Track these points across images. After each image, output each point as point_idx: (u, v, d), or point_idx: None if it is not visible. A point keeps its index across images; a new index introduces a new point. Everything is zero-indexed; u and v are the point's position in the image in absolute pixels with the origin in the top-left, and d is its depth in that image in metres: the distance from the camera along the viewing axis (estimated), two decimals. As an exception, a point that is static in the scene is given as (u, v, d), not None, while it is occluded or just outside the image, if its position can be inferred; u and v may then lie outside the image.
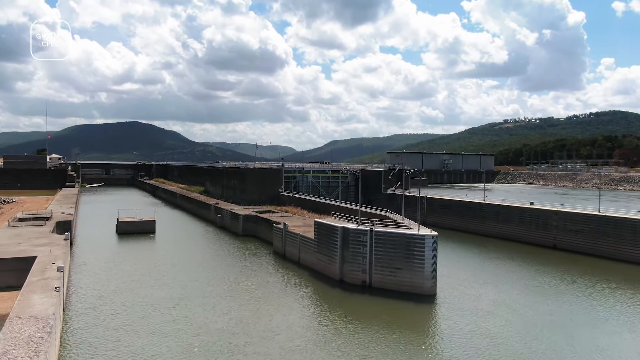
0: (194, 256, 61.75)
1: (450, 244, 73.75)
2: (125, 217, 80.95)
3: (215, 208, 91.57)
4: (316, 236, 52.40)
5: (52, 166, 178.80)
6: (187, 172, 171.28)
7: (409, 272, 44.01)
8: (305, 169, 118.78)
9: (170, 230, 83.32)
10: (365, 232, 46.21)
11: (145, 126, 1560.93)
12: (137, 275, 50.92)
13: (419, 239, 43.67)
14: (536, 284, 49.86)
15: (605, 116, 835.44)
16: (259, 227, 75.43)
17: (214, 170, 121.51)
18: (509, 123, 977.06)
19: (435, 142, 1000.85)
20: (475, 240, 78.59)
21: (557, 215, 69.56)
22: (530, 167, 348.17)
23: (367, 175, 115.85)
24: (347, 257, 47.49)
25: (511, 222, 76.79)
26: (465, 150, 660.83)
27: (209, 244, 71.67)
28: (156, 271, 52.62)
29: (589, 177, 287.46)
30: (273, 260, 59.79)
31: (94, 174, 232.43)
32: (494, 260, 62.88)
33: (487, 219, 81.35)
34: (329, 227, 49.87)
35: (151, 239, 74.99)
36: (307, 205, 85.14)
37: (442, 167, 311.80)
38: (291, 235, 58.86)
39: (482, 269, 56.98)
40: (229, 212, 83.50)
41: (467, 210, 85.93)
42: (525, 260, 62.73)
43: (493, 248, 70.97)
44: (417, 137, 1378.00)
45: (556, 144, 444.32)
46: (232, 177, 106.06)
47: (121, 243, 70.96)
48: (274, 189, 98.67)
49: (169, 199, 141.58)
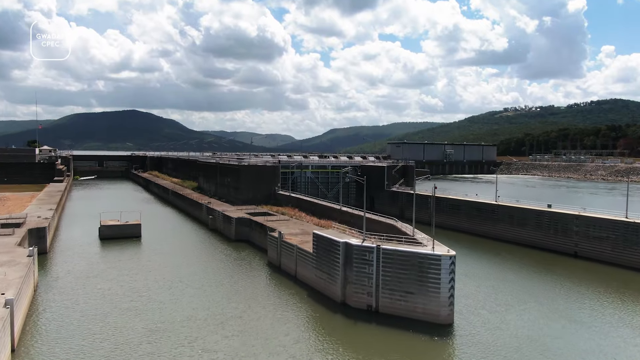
0: (180, 269, 55.65)
1: (462, 250, 67.57)
2: (108, 220, 74.85)
3: (207, 208, 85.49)
4: (315, 250, 46.35)
5: (42, 159, 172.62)
6: (182, 165, 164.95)
7: (422, 297, 38.02)
8: (304, 164, 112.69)
9: (158, 233, 77.23)
10: (371, 250, 40.15)
11: (143, 115, 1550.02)
12: (111, 295, 44.87)
13: (434, 260, 37.62)
14: (566, 306, 43.93)
15: (607, 104, 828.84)
16: (253, 232, 69.41)
17: (207, 166, 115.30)
18: (510, 111, 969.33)
19: (435, 131, 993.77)
20: (487, 245, 72.69)
21: (579, 220, 63.50)
22: (533, 158, 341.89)
23: (369, 171, 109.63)
24: (350, 277, 41.47)
25: (527, 226, 70.77)
26: (466, 139, 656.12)
27: (197, 253, 65.57)
28: (134, 290, 46.58)
29: (594, 168, 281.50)
30: (267, 274, 53.80)
31: (87, 166, 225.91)
32: (512, 271, 56.89)
33: (500, 221, 75.33)
34: (330, 242, 43.80)
35: (135, 245, 68.94)
36: (305, 207, 79.04)
37: (443, 158, 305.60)
38: (287, 246, 52.83)
39: (501, 284, 50.96)
40: (221, 214, 77.41)
41: (477, 211, 79.88)
42: (547, 271, 56.80)
43: (509, 256, 65.03)
44: (417, 125, 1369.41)
45: (559, 133, 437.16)
46: (226, 175, 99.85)
47: (102, 251, 64.88)
48: (270, 187, 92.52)
49: (161, 194, 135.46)
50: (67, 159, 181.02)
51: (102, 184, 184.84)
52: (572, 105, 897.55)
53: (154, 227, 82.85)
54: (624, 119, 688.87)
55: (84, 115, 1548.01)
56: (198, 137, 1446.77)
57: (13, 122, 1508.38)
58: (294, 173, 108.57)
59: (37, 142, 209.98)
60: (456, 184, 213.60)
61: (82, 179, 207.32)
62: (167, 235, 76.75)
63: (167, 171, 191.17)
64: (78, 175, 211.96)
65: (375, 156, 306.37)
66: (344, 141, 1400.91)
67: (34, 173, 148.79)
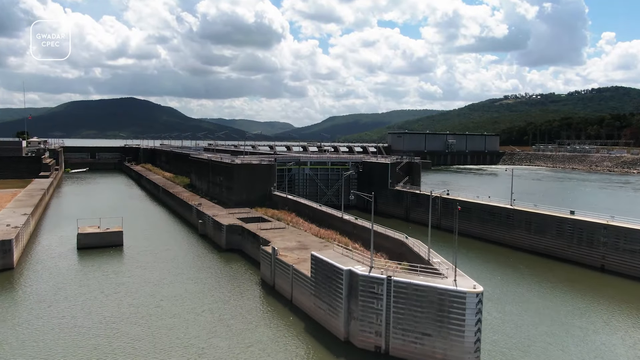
0: (160, 290, 49.22)
1: (475, 260, 61.60)
2: (87, 227, 68.27)
3: (197, 211, 78.95)
4: (313, 275, 39.93)
5: (30, 151, 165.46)
6: (175, 159, 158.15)
7: (441, 340, 31.65)
8: (302, 160, 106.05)
9: (142, 241, 70.68)
10: (380, 281, 33.70)
11: (141, 102, 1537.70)
12: (72, 331, 38.38)
13: (458, 297, 31.17)
14: (606, 340, 37.63)
15: (607, 92, 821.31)
16: (245, 241, 62.96)
17: (199, 163, 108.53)
18: (510, 99, 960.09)
19: (435, 119, 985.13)
20: (501, 254, 66.29)
21: (608, 230, 57.08)
22: (536, 148, 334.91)
23: (371, 168, 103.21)
24: (355, 311, 35.08)
25: (546, 234, 64.35)
26: (466, 127, 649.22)
27: (183, 266, 58.98)
28: (102, 322, 40.07)
29: (599, 159, 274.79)
30: (259, 296, 47.41)
31: (79, 158, 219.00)
32: (536, 291, 50.40)
33: (516, 227, 68.90)
34: (330, 268, 37.34)
35: (116, 255, 62.47)
36: (303, 211, 72.58)
37: (445, 149, 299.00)
38: (282, 265, 46.38)
39: (528, 311, 44.50)
40: (211, 219, 70.90)
41: (490, 215, 73.40)
42: (575, 291, 50.45)
43: (528, 270, 58.62)
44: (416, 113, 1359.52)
45: (562, 122, 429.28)
46: (218, 173, 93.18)
47: (76, 265, 58.36)
48: (265, 187, 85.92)
49: (152, 191, 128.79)
50: (56, 151, 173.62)
51: (93, 178, 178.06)
52: (573, 92, 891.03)
53: (139, 231, 76.45)
54: (626, 106, 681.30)
55: (81, 103, 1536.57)
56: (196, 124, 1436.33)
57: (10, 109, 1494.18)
58: (291, 170, 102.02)
59: (26, 133, 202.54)
60: (460, 177, 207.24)
61: (73, 172, 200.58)
62: (152, 243, 70.14)
63: (160, 164, 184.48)
64: (69, 168, 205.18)
65: (375, 146, 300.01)
66: (343, 129, 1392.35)
67: (20, 167, 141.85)
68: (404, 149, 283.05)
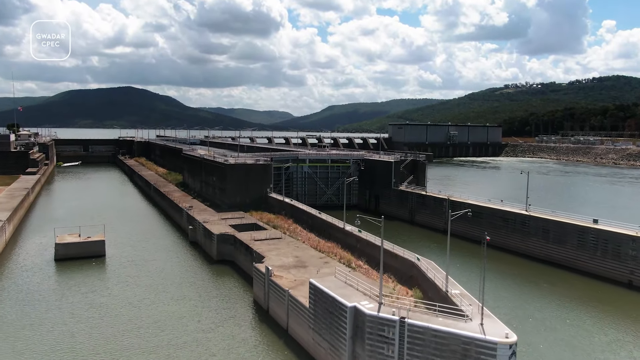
0: (139, 313, 43.88)
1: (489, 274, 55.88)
2: (66, 236, 62.77)
3: (187, 216, 73.50)
4: (312, 306, 34.60)
5: (19, 145, 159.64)
6: (168, 153, 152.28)
7: (466, 397, 26.35)
8: (300, 157, 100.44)
9: (127, 250, 65.26)
10: (392, 323, 28.33)
11: (139, 91, 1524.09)
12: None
13: (487, 348, 25.81)
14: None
15: (608, 81, 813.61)
16: (237, 252, 57.59)
17: (192, 160, 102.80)
18: (510, 88, 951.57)
19: (435, 108, 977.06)
20: (516, 265, 60.88)
21: (636, 242, 51.75)
22: (539, 139, 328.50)
23: (373, 166, 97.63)
24: (361, 356, 29.76)
25: (566, 244, 59.00)
26: (467, 117, 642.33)
27: (169, 281, 53.52)
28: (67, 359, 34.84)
29: (604, 151, 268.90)
30: (251, 322, 42.11)
31: (72, 152, 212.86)
32: (563, 316, 45.13)
33: (532, 235, 63.53)
34: (332, 302, 31.99)
35: (96, 269, 57.08)
36: (301, 218, 67.19)
37: (447, 140, 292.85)
38: (277, 289, 41.01)
39: (556, 343, 39.23)
40: (201, 227, 65.44)
41: (503, 221, 67.99)
42: (604, 314, 45.14)
43: (546, 285, 53.33)
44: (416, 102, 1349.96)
45: (564, 113, 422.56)
46: (211, 173, 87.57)
47: (50, 280, 52.96)
48: (261, 190, 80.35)
49: (144, 188, 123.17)
50: (46, 145, 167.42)
51: (85, 172, 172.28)
52: (574, 81, 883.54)
53: (125, 237, 71.19)
54: (627, 95, 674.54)
55: (79, 92, 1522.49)
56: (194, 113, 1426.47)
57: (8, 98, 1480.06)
58: (289, 168, 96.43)
59: (16, 125, 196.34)
60: (462, 171, 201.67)
61: (65, 166, 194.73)
62: (137, 252, 64.69)
63: (154, 158, 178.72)
64: (61, 162, 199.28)
65: (376, 138, 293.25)
66: (341, 118, 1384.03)
67: (8, 163, 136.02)
68: (404, 140, 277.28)
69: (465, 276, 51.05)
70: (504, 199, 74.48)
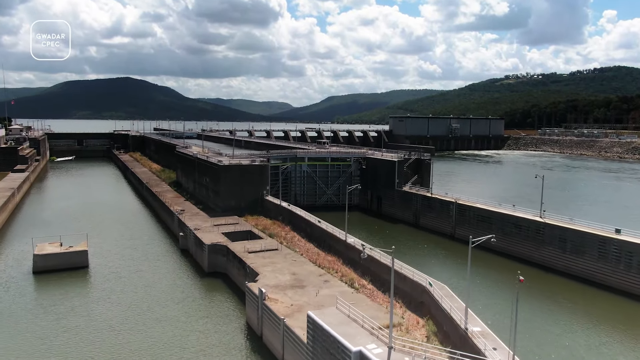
0: (116, 339, 39.57)
1: (499, 286, 51.42)
2: (46, 245, 58.32)
3: (178, 221, 69.05)
4: (311, 342, 30.24)
5: (9, 140, 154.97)
6: (162, 149, 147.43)
7: None
8: (299, 155, 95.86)
9: (113, 258, 60.86)
10: (404, 375, 23.94)
11: (137, 82, 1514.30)
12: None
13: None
14: None
15: (610, 72, 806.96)
16: (230, 265, 53.23)
17: (185, 159, 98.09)
18: (511, 79, 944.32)
19: (435, 99, 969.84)
20: (530, 276, 55.95)
21: (665, 256, 47.38)
22: (542, 132, 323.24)
23: (375, 165, 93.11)
24: (367, 410, 25.41)
25: (585, 255, 54.61)
26: (467, 108, 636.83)
27: (155, 297, 49.13)
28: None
29: (609, 144, 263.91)
30: (243, 350, 37.78)
31: (65, 146, 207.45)
32: (589, 339, 40.81)
33: (547, 245, 59.08)
34: (334, 342, 27.58)
35: (77, 282, 52.73)
36: (299, 225, 62.71)
37: (449, 133, 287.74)
38: (271, 315, 36.62)
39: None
40: (192, 235, 60.99)
41: (516, 228, 63.50)
42: (635, 339, 40.83)
43: (565, 301, 49.01)
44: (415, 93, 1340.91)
45: (567, 104, 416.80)
46: (204, 173, 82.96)
47: (26, 298, 48.56)
48: (257, 192, 75.82)
49: (137, 186, 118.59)
50: (37, 140, 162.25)
51: (79, 168, 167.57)
52: (575, 72, 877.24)
53: (112, 244, 66.83)
54: (628, 86, 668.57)
55: (77, 82, 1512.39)
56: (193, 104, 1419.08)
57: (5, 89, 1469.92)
58: (287, 168, 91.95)
59: (7, 119, 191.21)
60: (465, 166, 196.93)
61: (59, 161, 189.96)
62: (123, 262, 60.19)
63: (149, 153, 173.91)
64: (54, 157, 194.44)
65: (376, 131, 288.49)
66: (341, 109, 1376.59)
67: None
68: (406, 133, 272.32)
69: (483, 295, 46.79)
70: (511, 198, 70.18)
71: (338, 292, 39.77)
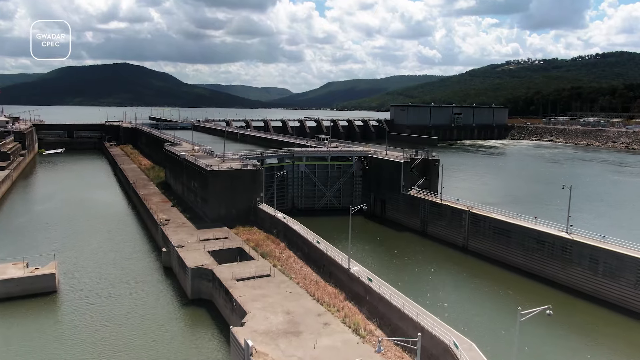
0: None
1: (533, 322, 44.34)
2: (10, 266, 51.54)
3: (162, 234, 62.23)
4: None
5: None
6: (154, 144, 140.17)
7: None
8: (297, 155, 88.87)
9: (85, 280, 54.15)
10: None
11: (135, 68, 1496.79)
12: None
13: None
14: None
15: (612, 57, 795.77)
16: (216, 292, 46.53)
17: (173, 159, 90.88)
18: (512, 64, 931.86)
19: (435, 85, 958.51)
20: (558, 301, 48.79)
21: None
22: (546, 121, 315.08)
23: (379, 165, 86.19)
24: None
25: (621, 279, 48.00)
26: (467, 94, 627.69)
27: (131, 334, 42.48)
28: None
29: (616, 134, 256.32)
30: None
31: (55, 137, 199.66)
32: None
33: (575, 265, 52.41)
34: None
35: (40, 314, 46.05)
36: (295, 242, 55.86)
37: (451, 122, 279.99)
38: (259, 377, 29.95)
39: None
40: (175, 253, 54.22)
41: (537, 243, 56.74)
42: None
43: (602, 338, 42.41)
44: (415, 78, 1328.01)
45: (571, 92, 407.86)
46: (193, 177, 75.96)
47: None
48: (249, 200, 68.83)
49: (125, 185, 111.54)
50: (22, 134, 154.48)
51: (68, 162, 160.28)
52: (577, 58, 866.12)
53: (88, 260, 60.04)
54: (631, 72, 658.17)
55: (74, 68, 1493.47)
56: (191, 90, 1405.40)
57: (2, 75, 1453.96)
58: (283, 168, 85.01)
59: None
60: (469, 157, 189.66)
61: (48, 154, 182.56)
62: (98, 284, 53.39)
63: (141, 146, 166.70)
64: (43, 149, 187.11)
65: (377, 120, 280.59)
66: (340, 95, 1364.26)
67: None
68: (407, 123, 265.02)
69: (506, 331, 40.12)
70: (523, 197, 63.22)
71: (340, 342, 33.21)
